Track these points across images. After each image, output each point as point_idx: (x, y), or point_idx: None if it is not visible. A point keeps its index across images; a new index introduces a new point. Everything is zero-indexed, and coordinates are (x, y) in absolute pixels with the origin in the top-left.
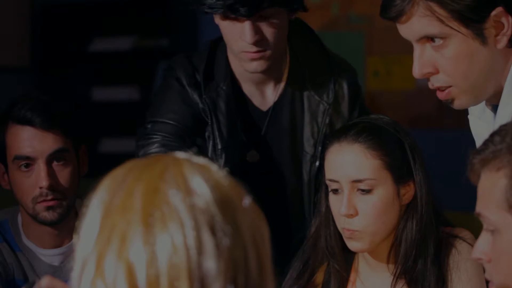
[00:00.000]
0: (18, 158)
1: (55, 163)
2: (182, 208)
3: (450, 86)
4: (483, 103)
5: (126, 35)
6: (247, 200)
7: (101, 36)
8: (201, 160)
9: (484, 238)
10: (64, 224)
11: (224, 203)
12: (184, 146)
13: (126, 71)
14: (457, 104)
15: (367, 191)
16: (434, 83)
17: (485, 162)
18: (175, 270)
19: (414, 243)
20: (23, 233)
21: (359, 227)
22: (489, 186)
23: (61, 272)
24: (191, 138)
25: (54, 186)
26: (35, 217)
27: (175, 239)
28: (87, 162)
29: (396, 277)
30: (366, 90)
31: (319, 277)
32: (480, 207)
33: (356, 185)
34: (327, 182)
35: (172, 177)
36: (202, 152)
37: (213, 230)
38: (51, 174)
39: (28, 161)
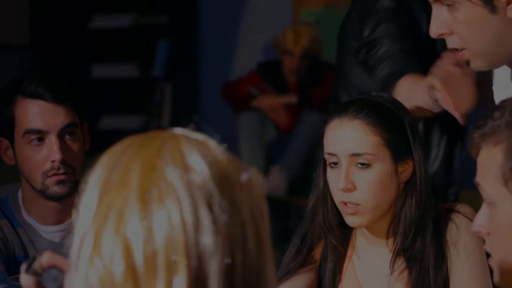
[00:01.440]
0: (29, 132)
1: (66, 137)
2: (179, 184)
3: (464, 48)
4: (509, 74)
5: (125, 13)
6: (245, 176)
7: (100, 14)
8: (199, 136)
9: (483, 211)
10: (67, 200)
11: (221, 179)
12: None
13: (126, 48)
14: (473, 67)
15: (365, 166)
16: (449, 44)
17: (484, 137)
18: (172, 247)
19: (413, 221)
20: (24, 210)
21: (358, 201)
22: (487, 160)
23: (61, 248)
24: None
25: (65, 160)
26: (43, 192)
27: (172, 215)
28: (89, 139)
29: (395, 255)
30: None
31: (318, 253)
32: (479, 179)
33: (354, 159)
34: (326, 156)
35: (169, 153)
36: None
37: (210, 207)
38: (62, 148)
39: (40, 135)
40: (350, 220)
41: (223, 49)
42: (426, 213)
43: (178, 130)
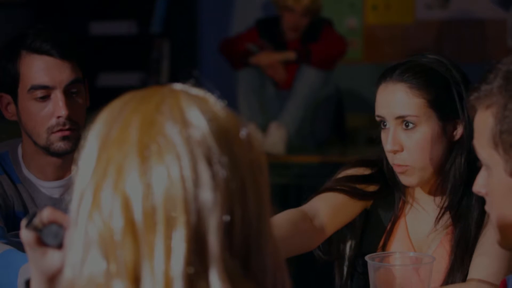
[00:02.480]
0: (35, 87)
1: (71, 93)
2: (179, 140)
3: None
4: None
5: None
6: (244, 132)
7: None
8: (198, 91)
9: (482, 173)
10: (68, 156)
11: (221, 134)
12: None
13: (124, 5)
14: None
15: (411, 128)
16: None
17: (478, 100)
18: (171, 202)
19: (462, 179)
20: (24, 165)
21: (407, 162)
22: (480, 123)
23: (61, 204)
24: None
25: (71, 116)
26: (47, 148)
27: (171, 171)
28: (88, 96)
29: (442, 213)
30: (364, 24)
31: (373, 187)
32: (474, 142)
33: (400, 121)
34: (376, 118)
35: (168, 109)
36: None
37: (209, 162)
38: (68, 104)
39: (46, 91)
40: (402, 179)
41: (222, 5)
42: (474, 172)
43: (177, 86)
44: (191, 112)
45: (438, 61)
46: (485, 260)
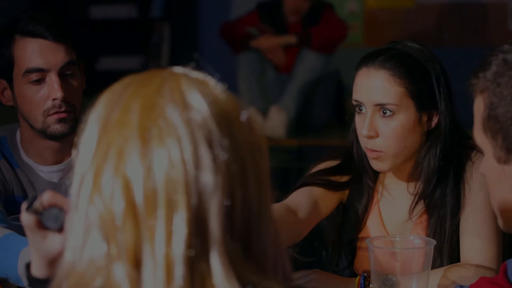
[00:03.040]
0: (30, 71)
1: (66, 76)
2: (179, 123)
3: None
4: None
5: None
6: (245, 115)
7: None
8: (199, 75)
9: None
10: (66, 139)
11: (221, 117)
12: None
13: None
14: None
15: (389, 115)
16: None
17: (477, 85)
18: (172, 185)
19: (436, 169)
20: (22, 150)
21: (381, 148)
22: (475, 108)
23: (60, 188)
24: None
25: (66, 98)
26: (44, 131)
27: (172, 154)
28: (85, 79)
29: (416, 202)
30: (365, 7)
31: (346, 177)
32: (474, 127)
33: (379, 108)
34: (353, 102)
35: (169, 92)
36: None
37: (210, 145)
38: (63, 86)
39: (41, 74)
40: (374, 164)
41: None
42: (449, 162)
43: (178, 69)
44: (192, 95)
45: (420, 51)
46: (478, 243)
